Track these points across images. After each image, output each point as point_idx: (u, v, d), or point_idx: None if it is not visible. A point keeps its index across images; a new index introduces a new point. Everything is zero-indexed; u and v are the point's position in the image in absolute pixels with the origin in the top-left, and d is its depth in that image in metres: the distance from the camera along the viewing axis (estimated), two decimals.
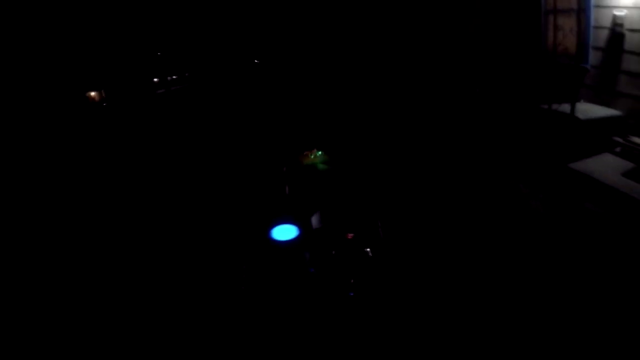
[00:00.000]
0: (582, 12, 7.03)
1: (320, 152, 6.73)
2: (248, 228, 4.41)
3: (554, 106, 6.96)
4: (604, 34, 6.75)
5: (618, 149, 6.23)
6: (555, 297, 4.38)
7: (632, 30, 6.25)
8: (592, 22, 6.94)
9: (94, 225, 5.90)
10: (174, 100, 9.55)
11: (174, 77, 9.95)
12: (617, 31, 6.48)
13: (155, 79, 9.56)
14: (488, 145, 7.65)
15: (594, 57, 7.01)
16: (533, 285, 4.55)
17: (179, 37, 10.24)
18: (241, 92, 10.32)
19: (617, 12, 6.41)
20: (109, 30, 8.50)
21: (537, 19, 8.28)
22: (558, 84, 7.05)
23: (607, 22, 6.66)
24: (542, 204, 6.01)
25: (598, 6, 6.82)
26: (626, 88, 6.46)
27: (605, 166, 5.87)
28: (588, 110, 6.70)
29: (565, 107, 6.75)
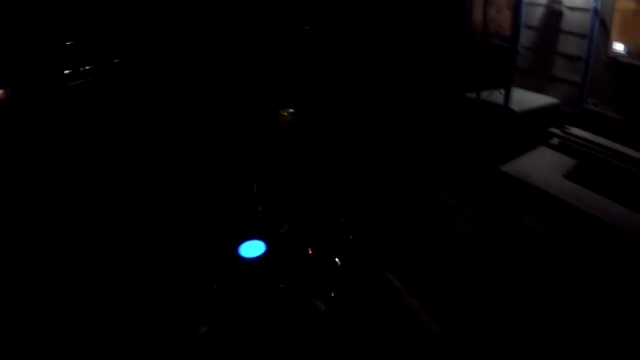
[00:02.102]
0: None
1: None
2: (212, 243, 3.99)
3: (483, 94, 6.12)
4: (539, 12, 6.10)
5: (555, 141, 5.62)
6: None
7: (572, 9, 5.63)
8: None
9: None
10: (92, 92, 8.26)
11: (87, 67, 8.82)
12: (554, 9, 5.84)
13: (67, 71, 8.46)
14: (403, 142, 6.63)
15: (526, 37, 6.36)
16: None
17: (90, 23, 8.79)
18: (171, 79, 8.73)
19: None
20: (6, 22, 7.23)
21: None
22: (488, 68, 6.26)
23: None
24: (470, 221, 5.09)
25: None
26: (562, 72, 5.88)
27: (543, 166, 5.17)
28: (522, 99, 5.99)
29: (497, 96, 5.95)
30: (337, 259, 0.72)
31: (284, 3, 10.59)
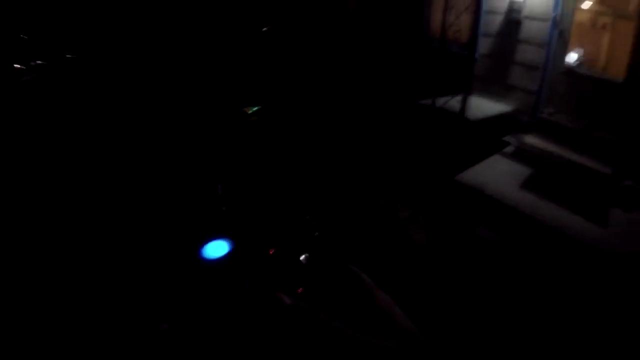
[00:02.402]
0: None
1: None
2: (173, 245, 3.65)
3: (439, 102, 5.96)
4: (499, 20, 6.07)
5: (510, 149, 5.54)
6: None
7: (530, 18, 5.62)
8: (485, 7, 6.23)
9: None
10: (43, 88, 7.54)
11: (39, 62, 8.22)
12: (513, 18, 5.82)
13: (17, 65, 7.88)
14: (355, 148, 6.37)
15: (485, 45, 6.31)
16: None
17: (43, 17, 8.14)
18: (128, 77, 8.10)
19: None
20: None
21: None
22: (445, 75, 6.14)
23: (502, 8, 5.98)
24: (423, 232, 4.85)
25: None
26: (519, 81, 5.84)
27: (499, 175, 5.04)
28: (478, 106, 5.90)
29: (453, 104, 5.81)
30: (302, 256, 0.72)
31: (242, 4, 10.27)
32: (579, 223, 4.17)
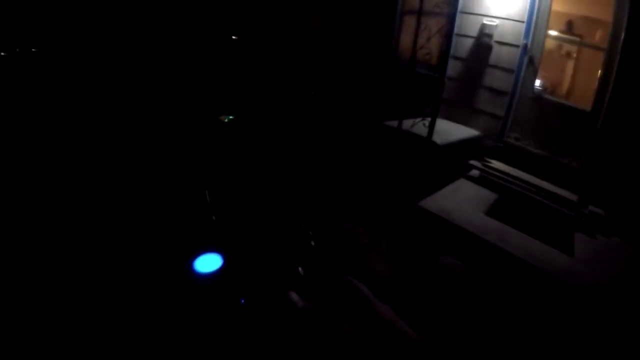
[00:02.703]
0: (446, 16, 6.23)
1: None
2: (163, 257, 3.52)
3: (405, 124, 5.77)
4: (468, 44, 6.03)
5: (475, 174, 5.41)
6: None
7: (501, 43, 5.60)
8: (456, 29, 6.19)
9: None
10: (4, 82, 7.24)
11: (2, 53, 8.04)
12: (484, 42, 5.78)
13: None
14: (318, 168, 6.14)
15: (453, 68, 6.25)
16: None
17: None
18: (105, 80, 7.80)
19: (488, 22, 5.72)
20: None
21: (391, 18, 7.40)
22: (412, 97, 6.01)
23: (473, 31, 5.95)
24: (385, 260, 4.60)
25: (465, 12, 6.10)
26: (486, 105, 5.77)
27: (464, 201, 4.86)
28: (444, 130, 5.75)
29: (419, 127, 5.61)
30: (300, 268, 0.66)
31: (214, 13, 10.20)
32: (545, 252, 4.00)
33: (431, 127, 5.44)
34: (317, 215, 5.18)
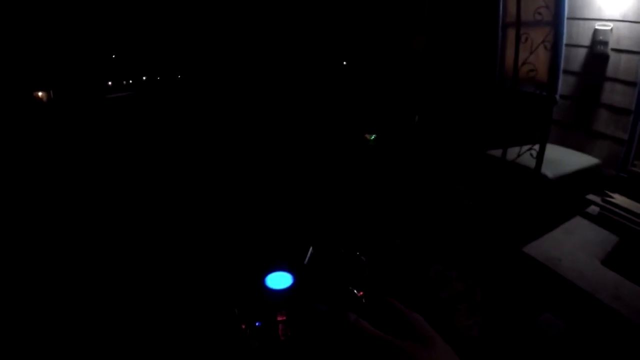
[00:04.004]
0: (550, 24, 5.36)
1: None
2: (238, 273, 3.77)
3: (510, 153, 5.01)
4: (581, 55, 5.11)
5: (593, 211, 4.51)
6: None
7: (618, 51, 4.62)
8: (564, 39, 5.30)
9: None
10: (128, 107, 9.55)
11: (130, 81, 10.11)
12: (598, 51, 4.84)
13: (110, 82, 9.89)
14: (418, 201, 5.73)
15: (565, 85, 5.35)
16: None
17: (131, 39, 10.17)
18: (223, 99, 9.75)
19: (600, 26, 4.78)
20: (60, 30, 8.61)
21: (494, 33, 6.65)
22: (519, 120, 5.24)
23: (585, 40, 5.03)
24: (477, 315, 3.98)
25: (571, 18, 5.20)
26: (605, 127, 4.80)
27: (577, 246, 4.04)
28: (556, 159, 4.90)
29: (526, 156, 4.79)
30: (358, 293, 0.74)
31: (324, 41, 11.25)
32: None
33: (539, 157, 4.68)
34: (407, 255, 4.84)
